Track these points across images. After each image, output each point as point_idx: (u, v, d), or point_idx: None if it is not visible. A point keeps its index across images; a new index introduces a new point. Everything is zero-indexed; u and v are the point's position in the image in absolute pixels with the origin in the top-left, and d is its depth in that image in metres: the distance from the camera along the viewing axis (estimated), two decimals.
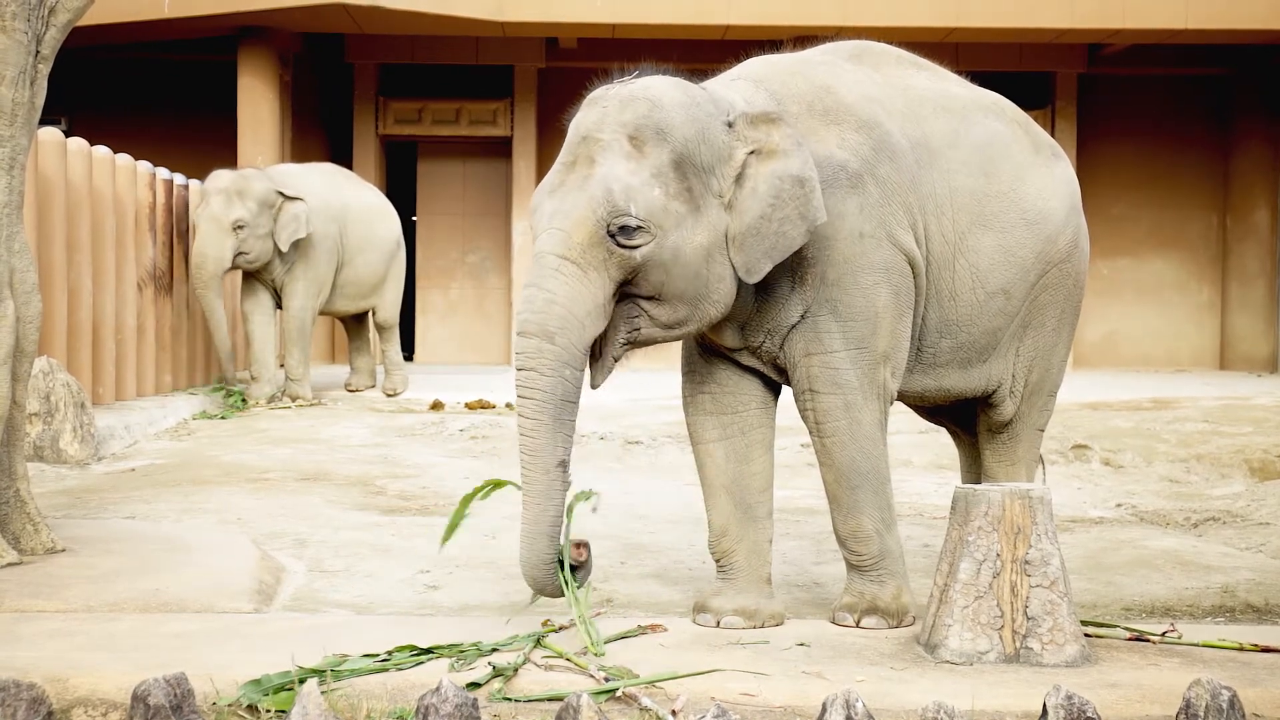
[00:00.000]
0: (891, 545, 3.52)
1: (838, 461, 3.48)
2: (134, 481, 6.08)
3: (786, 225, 3.26)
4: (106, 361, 8.18)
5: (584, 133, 3.24)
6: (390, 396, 9.88)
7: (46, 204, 7.44)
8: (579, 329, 3.14)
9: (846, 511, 3.51)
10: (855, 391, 3.43)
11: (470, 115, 14.33)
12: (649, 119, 3.19)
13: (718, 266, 3.26)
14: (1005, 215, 3.74)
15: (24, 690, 2.68)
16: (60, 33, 4.18)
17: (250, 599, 3.84)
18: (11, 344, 4.11)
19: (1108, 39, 13.13)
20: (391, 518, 5.38)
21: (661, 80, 3.32)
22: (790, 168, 3.27)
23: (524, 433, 3.17)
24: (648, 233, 3.14)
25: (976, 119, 3.81)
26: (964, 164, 3.69)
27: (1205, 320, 14.89)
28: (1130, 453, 7.28)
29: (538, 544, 3.21)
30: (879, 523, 3.50)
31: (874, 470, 3.49)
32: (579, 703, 2.60)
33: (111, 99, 14.28)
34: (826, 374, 3.43)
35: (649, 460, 7.19)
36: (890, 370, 3.51)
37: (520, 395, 3.16)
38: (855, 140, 3.47)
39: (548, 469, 3.17)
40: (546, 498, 3.19)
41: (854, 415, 3.45)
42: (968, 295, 3.70)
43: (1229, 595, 4.22)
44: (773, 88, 3.50)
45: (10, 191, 4.09)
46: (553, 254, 3.14)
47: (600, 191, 3.12)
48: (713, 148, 3.26)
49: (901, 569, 3.55)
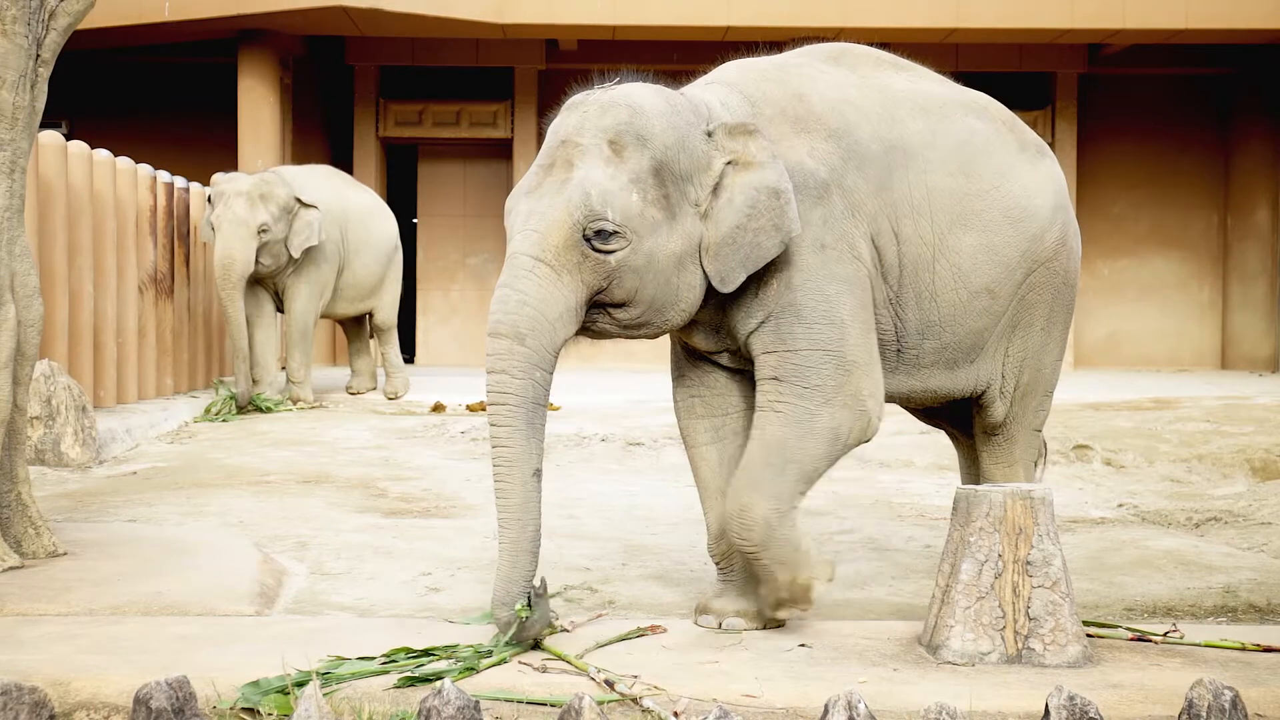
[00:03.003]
0: (780, 536, 3.31)
1: (769, 434, 3.34)
2: (135, 484, 6.08)
3: (761, 236, 3.27)
4: (108, 364, 8.18)
5: (563, 136, 3.24)
6: (391, 399, 9.88)
7: (48, 207, 7.45)
8: (550, 331, 3.13)
9: (744, 485, 3.32)
10: (816, 389, 3.34)
11: (471, 117, 14.34)
12: (630, 125, 3.20)
13: (688, 275, 3.27)
14: (988, 214, 3.71)
15: (26, 694, 2.69)
16: (61, 36, 4.19)
17: (252, 602, 3.84)
18: (13, 347, 4.11)
19: (1108, 39, 13.13)
20: (393, 520, 5.38)
21: (643, 87, 3.33)
22: (767, 179, 3.27)
23: (498, 441, 3.12)
24: (623, 238, 3.14)
25: (955, 118, 3.77)
26: (942, 163, 3.66)
27: (1206, 320, 14.89)
28: (1132, 453, 7.28)
29: (520, 561, 3.15)
30: (771, 510, 3.30)
31: (798, 463, 3.33)
32: (581, 705, 2.60)
33: (112, 102, 14.29)
34: (788, 366, 3.36)
35: (650, 462, 7.19)
36: (869, 390, 3.40)
37: (492, 401, 3.13)
38: (824, 149, 3.46)
39: (525, 479, 3.13)
40: (525, 510, 3.14)
41: (810, 406, 3.34)
42: (950, 295, 3.65)
43: (1231, 595, 4.21)
44: (748, 92, 3.50)
45: (11, 195, 4.10)
46: (527, 255, 3.15)
47: (578, 195, 3.13)
48: (691, 156, 3.27)
49: (792, 555, 3.32)
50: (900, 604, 4.06)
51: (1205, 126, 14.82)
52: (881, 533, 5.27)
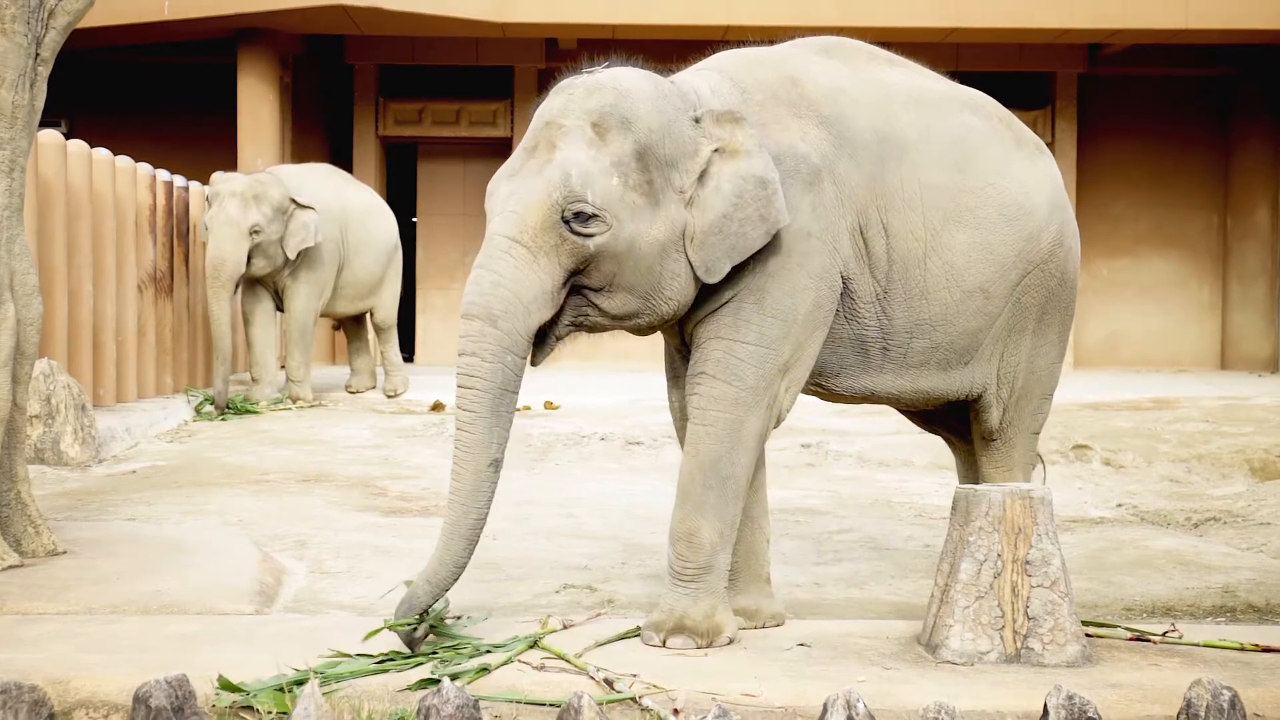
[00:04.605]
0: (720, 562, 3.31)
1: (703, 454, 3.29)
2: (135, 483, 6.08)
3: (747, 226, 3.23)
4: (107, 363, 8.18)
5: (547, 118, 3.19)
6: (391, 397, 9.88)
7: (47, 206, 7.44)
8: (524, 314, 3.09)
9: (691, 509, 3.29)
10: (749, 390, 3.30)
11: (470, 116, 14.34)
12: (614, 108, 3.15)
13: (672, 263, 3.21)
14: (982, 211, 3.64)
15: (26, 692, 2.69)
16: (60, 35, 4.19)
17: (251, 600, 3.84)
18: (12, 346, 4.11)
19: (1108, 39, 13.13)
20: (393, 519, 5.38)
21: (630, 71, 3.28)
22: (754, 168, 3.23)
23: (461, 425, 3.11)
24: (602, 222, 3.09)
25: (951, 113, 3.71)
26: (937, 159, 3.60)
27: (1206, 320, 14.89)
28: (1131, 453, 7.28)
29: (453, 545, 3.12)
30: (718, 534, 3.29)
31: (735, 478, 3.31)
32: (580, 704, 2.60)
33: (112, 101, 14.29)
34: (728, 362, 3.30)
35: (650, 460, 7.19)
36: (785, 385, 3.39)
37: (460, 384, 3.11)
38: (817, 135, 3.41)
39: (479, 469, 3.10)
40: (473, 499, 3.12)
41: (739, 414, 3.29)
42: (942, 294, 3.59)
43: (1230, 595, 4.22)
44: (739, 78, 3.44)
45: (10, 194, 4.10)
46: (503, 236, 3.10)
47: (557, 176, 3.08)
48: (677, 142, 3.22)
49: (721, 588, 3.32)
50: (899, 603, 4.06)
51: (1205, 126, 14.82)
52: (880, 532, 5.27)
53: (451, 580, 3.16)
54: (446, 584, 3.16)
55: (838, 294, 3.44)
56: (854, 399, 3.76)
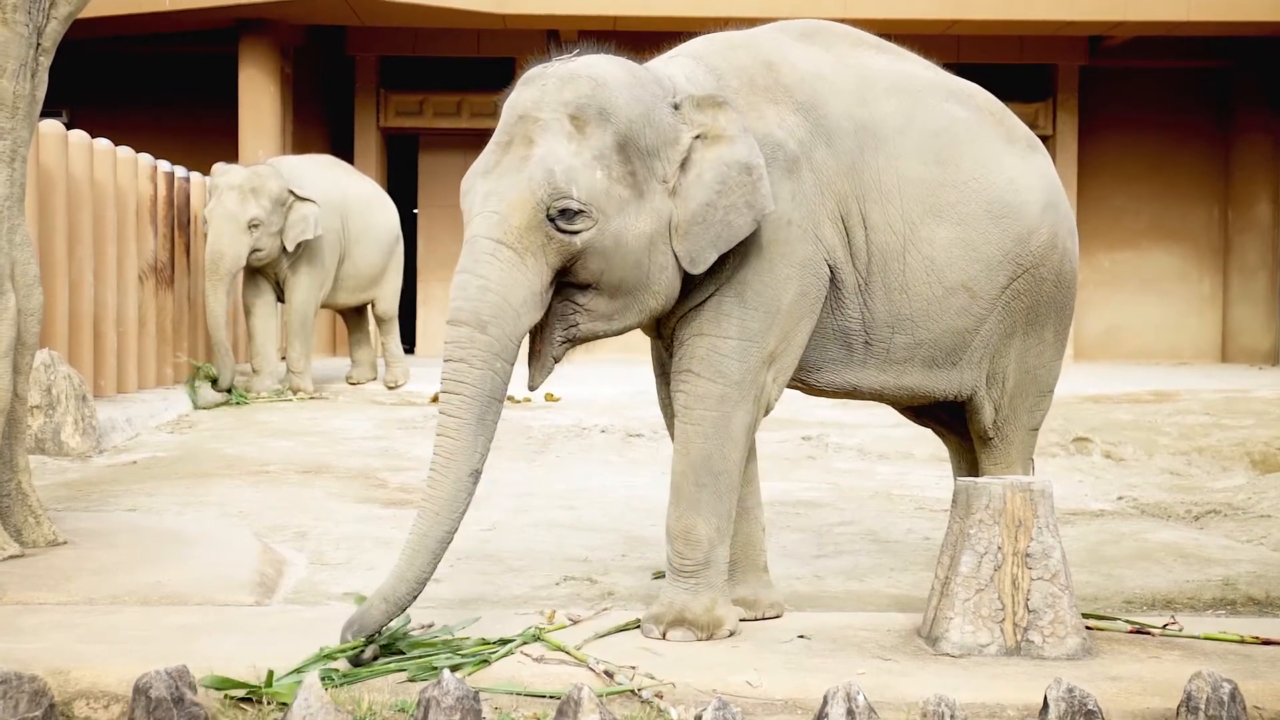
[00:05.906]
0: (718, 557, 3.30)
1: (694, 453, 3.26)
2: (135, 474, 6.08)
3: (733, 214, 3.15)
4: (108, 354, 8.18)
5: (521, 111, 3.11)
6: (392, 389, 9.88)
7: (48, 197, 7.44)
8: (514, 318, 3.01)
9: (686, 507, 3.28)
10: (734, 386, 3.25)
11: (472, 108, 14.31)
12: (592, 98, 3.06)
13: (659, 255, 3.14)
14: (965, 206, 3.54)
15: (26, 682, 2.69)
16: (61, 25, 4.18)
17: (252, 591, 3.84)
18: (13, 336, 4.11)
19: (1109, 31, 13.12)
20: (393, 510, 5.38)
21: (604, 59, 3.19)
22: (737, 154, 3.15)
23: (443, 431, 2.99)
24: (589, 217, 3.01)
25: (933, 102, 3.60)
26: (916, 150, 3.50)
27: (1206, 313, 14.89)
28: (1131, 445, 7.28)
29: (418, 560, 2.97)
30: (714, 529, 3.27)
31: (726, 473, 3.28)
32: (580, 696, 2.60)
33: (113, 92, 14.27)
34: (712, 358, 3.25)
35: (650, 453, 7.19)
36: (773, 375, 3.34)
37: (446, 390, 3.01)
38: (793, 122, 3.33)
39: (460, 478, 2.97)
40: (448, 509, 2.98)
41: (726, 410, 3.25)
42: (922, 289, 3.50)
43: (1230, 588, 4.22)
44: (714, 63, 3.36)
45: (11, 184, 4.09)
46: (488, 238, 3.02)
47: (540, 172, 3.00)
48: (658, 130, 3.14)
49: (721, 582, 3.31)
50: (899, 595, 4.06)
51: (1206, 119, 14.81)
52: (881, 524, 5.27)
53: (410, 599, 3.00)
54: (405, 603, 2.99)
55: (825, 281, 3.38)
56: (836, 394, 3.69)
